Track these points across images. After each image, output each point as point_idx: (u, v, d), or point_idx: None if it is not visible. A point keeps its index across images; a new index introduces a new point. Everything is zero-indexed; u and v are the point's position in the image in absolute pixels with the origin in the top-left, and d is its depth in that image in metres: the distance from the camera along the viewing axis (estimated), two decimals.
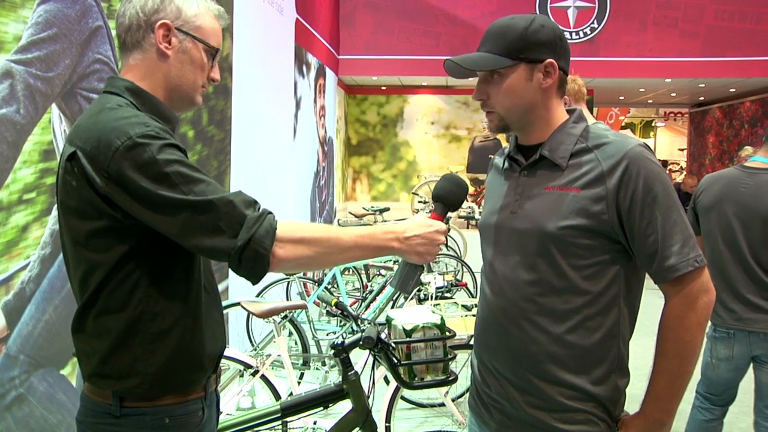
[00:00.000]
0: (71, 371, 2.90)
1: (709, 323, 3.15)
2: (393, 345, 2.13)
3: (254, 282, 1.41)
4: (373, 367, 2.41)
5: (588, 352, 1.55)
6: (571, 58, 1.66)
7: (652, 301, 2.05)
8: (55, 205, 2.68)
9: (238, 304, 3.71)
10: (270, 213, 1.42)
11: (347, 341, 2.37)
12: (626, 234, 1.52)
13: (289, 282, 5.63)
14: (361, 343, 2.22)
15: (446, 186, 1.67)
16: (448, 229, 1.78)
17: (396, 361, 2.11)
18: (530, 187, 1.62)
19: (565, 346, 1.55)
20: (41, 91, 2.65)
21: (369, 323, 2.40)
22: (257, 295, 5.23)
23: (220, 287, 4.61)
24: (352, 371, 2.42)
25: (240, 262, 1.36)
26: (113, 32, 3.20)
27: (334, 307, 2.62)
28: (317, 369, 4.59)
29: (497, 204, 1.70)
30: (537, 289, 1.56)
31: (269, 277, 5.00)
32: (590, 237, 1.52)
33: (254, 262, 1.37)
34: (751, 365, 3.11)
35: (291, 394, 3.45)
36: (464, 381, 2.71)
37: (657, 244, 1.50)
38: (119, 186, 1.34)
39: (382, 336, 2.20)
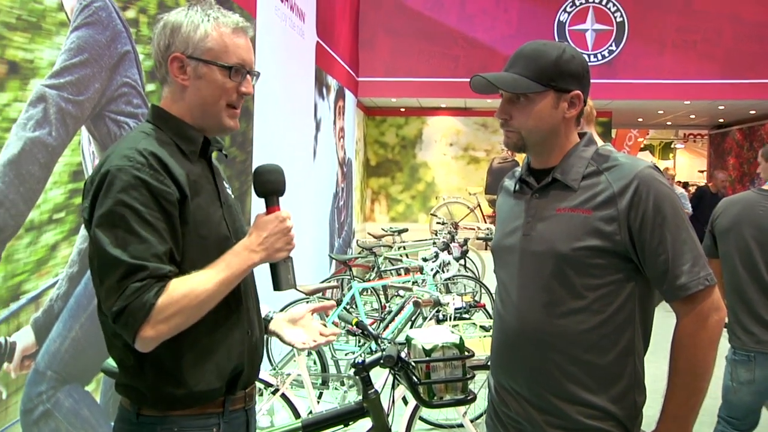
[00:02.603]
0: (95, 388, 2.96)
1: (729, 346, 3.14)
2: (413, 364, 2.16)
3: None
4: (393, 387, 2.43)
5: (605, 370, 1.57)
6: None
7: (665, 321, 2.06)
8: (83, 225, 2.76)
9: None
10: (156, 284, 1.40)
11: (368, 360, 2.40)
12: (638, 253, 1.55)
13: (308, 302, 5.66)
14: (381, 361, 2.25)
15: (261, 179, 1.62)
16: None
17: (416, 380, 2.14)
18: (542, 209, 1.65)
19: (583, 365, 1.57)
20: (72, 114, 2.73)
21: (389, 343, 2.42)
22: None
23: None
24: (373, 389, 2.44)
25: (115, 324, 1.40)
26: (141, 56, 3.29)
27: (354, 327, 2.65)
28: (336, 389, 4.61)
29: (509, 226, 1.73)
30: (553, 309, 1.59)
31: (289, 296, 5.05)
32: (604, 257, 1.55)
33: (124, 331, 1.40)
34: None
35: (310, 412, 3.48)
36: (482, 402, 2.72)
37: (668, 264, 1.53)
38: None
39: (402, 355, 2.23)
